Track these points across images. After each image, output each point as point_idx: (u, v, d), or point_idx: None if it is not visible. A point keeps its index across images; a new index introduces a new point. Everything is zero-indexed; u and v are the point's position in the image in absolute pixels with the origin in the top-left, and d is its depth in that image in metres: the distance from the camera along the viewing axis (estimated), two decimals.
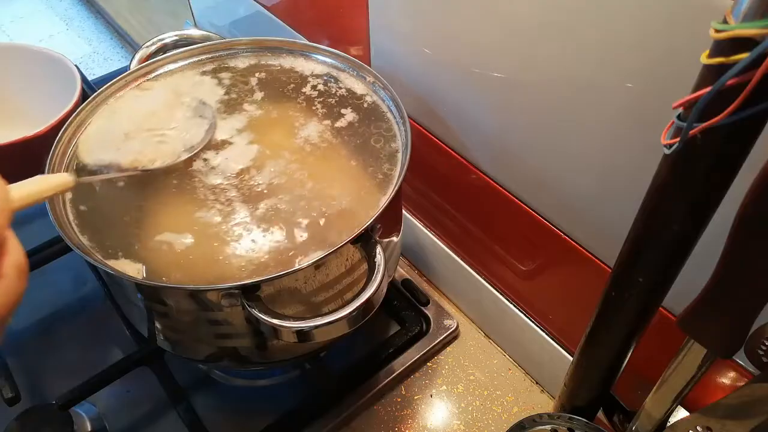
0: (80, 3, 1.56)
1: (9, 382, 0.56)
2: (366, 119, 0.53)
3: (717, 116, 0.23)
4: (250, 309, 0.40)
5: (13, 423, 0.52)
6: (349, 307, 0.40)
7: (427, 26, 0.51)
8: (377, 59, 0.60)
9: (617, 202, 0.42)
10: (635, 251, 0.32)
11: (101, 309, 0.65)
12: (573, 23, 0.38)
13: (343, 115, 0.53)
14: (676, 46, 0.33)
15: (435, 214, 0.65)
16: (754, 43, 0.21)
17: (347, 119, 0.53)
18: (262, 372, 0.61)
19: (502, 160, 0.51)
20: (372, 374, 0.60)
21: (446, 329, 0.63)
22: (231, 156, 0.51)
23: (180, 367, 0.60)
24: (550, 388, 0.60)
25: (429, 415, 0.58)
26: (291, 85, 0.56)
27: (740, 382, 0.40)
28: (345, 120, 0.53)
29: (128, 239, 0.45)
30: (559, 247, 0.49)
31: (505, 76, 0.46)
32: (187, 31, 0.64)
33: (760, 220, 0.26)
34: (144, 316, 0.48)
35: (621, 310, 0.35)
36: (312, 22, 0.68)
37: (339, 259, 0.44)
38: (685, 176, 0.27)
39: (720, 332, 0.31)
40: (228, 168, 0.50)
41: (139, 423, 0.58)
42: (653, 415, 0.39)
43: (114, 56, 1.30)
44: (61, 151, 0.50)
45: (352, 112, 0.54)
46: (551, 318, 0.56)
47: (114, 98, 0.55)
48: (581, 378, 0.42)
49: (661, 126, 0.26)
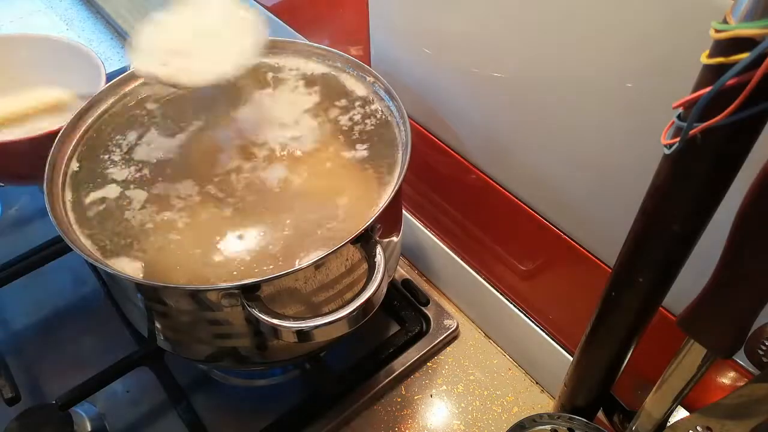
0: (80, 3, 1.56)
1: (9, 382, 0.56)
2: (366, 119, 0.53)
3: (717, 116, 0.23)
4: (250, 309, 0.40)
5: (13, 423, 0.52)
6: (349, 307, 0.40)
7: (427, 26, 0.51)
8: (377, 59, 0.60)
9: (617, 202, 0.42)
10: (635, 251, 0.32)
11: (101, 309, 0.65)
12: (573, 23, 0.38)
13: (343, 115, 0.53)
14: (676, 46, 0.33)
15: (435, 214, 0.65)
16: (754, 43, 0.21)
17: (347, 119, 0.53)
18: (262, 372, 0.61)
19: (502, 160, 0.51)
20: (372, 374, 0.60)
21: (446, 329, 0.63)
22: (231, 155, 0.51)
23: (180, 367, 0.60)
24: (550, 388, 0.60)
25: (429, 415, 0.58)
26: (291, 85, 0.56)
27: (740, 382, 0.40)
28: (345, 120, 0.53)
29: (128, 239, 0.45)
30: (559, 247, 0.49)
31: (505, 76, 0.46)
32: None
33: (760, 220, 0.26)
34: (144, 316, 0.48)
35: (621, 310, 0.35)
36: (312, 22, 0.68)
37: (339, 259, 0.44)
38: (685, 176, 0.27)
39: (720, 332, 0.31)
40: (227, 167, 0.50)
41: (139, 423, 0.58)
42: (653, 415, 0.39)
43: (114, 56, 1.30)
44: (62, 150, 0.50)
45: (352, 112, 0.54)
46: (551, 318, 0.56)
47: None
48: (581, 378, 0.42)
49: (661, 126, 0.26)
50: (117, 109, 0.55)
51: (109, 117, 0.54)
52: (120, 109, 0.55)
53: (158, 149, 0.52)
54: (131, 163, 0.50)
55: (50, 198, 0.47)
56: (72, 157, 0.51)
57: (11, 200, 0.77)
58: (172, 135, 0.53)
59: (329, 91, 0.55)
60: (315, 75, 0.57)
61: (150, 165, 0.50)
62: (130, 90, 0.56)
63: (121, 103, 0.55)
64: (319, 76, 0.57)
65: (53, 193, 0.47)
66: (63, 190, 0.48)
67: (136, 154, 0.51)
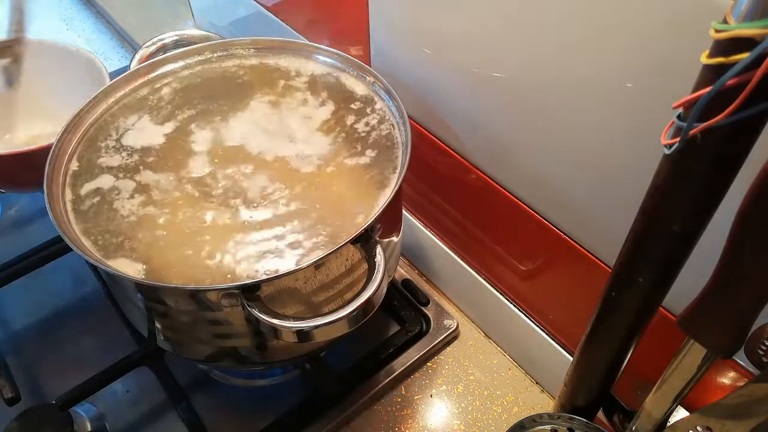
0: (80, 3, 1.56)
1: (9, 382, 0.56)
2: (366, 119, 0.53)
3: (717, 116, 0.23)
4: (250, 309, 0.40)
5: (13, 423, 0.52)
6: (349, 307, 0.40)
7: (427, 26, 0.51)
8: (377, 59, 0.60)
9: (617, 202, 0.42)
10: (635, 251, 0.32)
11: (101, 309, 0.65)
12: (573, 23, 0.38)
13: (343, 115, 0.53)
14: (676, 46, 0.33)
15: (435, 214, 0.65)
16: (754, 43, 0.21)
17: (347, 119, 0.53)
18: (262, 372, 0.61)
19: (502, 160, 0.51)
20: (372, 374, 0.60)
21: (446, 329, 0.63)
22: (231, 154, 0.51)
23: (180, 367, 0.60)
24: (550, 388, 0.60)
25: (429, 415, 0.58)
26: (290, 85, 0.56)
27: (740, 382, 0.40)
28: (344, 120, 0.53)
29: (128, 239, 0.45)
30: (559, 247, 0.49)
31: (505, 76, 0.46)
32: (187, 31, 0.64)
33: (760, 220, 0.26)
34: (144, 316, 0.48)
35: (621, 310, 0.35)
36: (312, 22, 0.68)
37: (339, 259, 0.44)
38: (685, 176, 0.27)
39: (720, 332, 0.31)
40: (227, 166, 0.50)
41: (139, 423, 0.58)
42: (653, 415, 0.39)
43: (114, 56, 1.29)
44: (62, 150, 0.50)
45: (351, 112, 0.54)
46: (551, 318, 0.56)
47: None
48: (581, 378, 0.42)
49: (661, 126, 0.26)
50: (117, 108, 0.55)
51: (110, 117, 0.54)
52: (120, 108, 0.55)
53: (157, 148, 0.52)
54: (131, 163, 0.50)
55: (50, 198, 0.47)
56: (72, 156, 0.51)
57: (11, 201, 0.77)
58: (173, 135, 0.53)
59: (329, 91, 0.55)
60: (315, 75, 0.57)
61: (149, 164, 0.50)
62: (130, 90, 0.56)
63: (121, 103, 0.55)
64: (318, 76, 0.57)
65: (53, 192, 0.47)
66: (63, 190, 0.48)
67: (136, 153, 0.51)
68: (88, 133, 0.53)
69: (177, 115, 0.54)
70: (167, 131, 0.53)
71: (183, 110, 0.55)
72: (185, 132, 0.53)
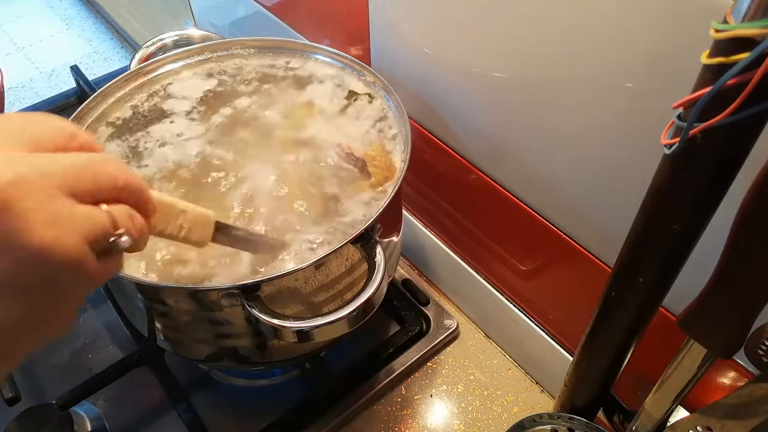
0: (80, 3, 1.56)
1: (9, 382, 0.56)
2: (365, 119, 0.53)
3: (717, 116, 0.23)
4: (250, 309, 0.40)
5: (13, 423, 0.52)
6: (349, 307, 0.40)
7: (427, 26, 0.51)
8: (377, 59, 0.60)
9: (617, 202, 0.42)
10: (635, 251, 0.32)
11: (101, 309, 0.65)
12: (573, 23, 0.38)
13: (343, 115, 0.53)
14: (677, 46, 0.33)
15: (435, 214, 0.65)
16: (754, 43, 0.21)
17: (347, 119, 0.53)
18: (262, 372, 0.61)
19: (502, 160, 0.51)
20: (372, 374, 0.60)
21: (446, 329, 0.63)
22: (231, 154, 0.51)
23: (180, 367, 0.60)
24: (550, 388, 0.60)
25: (429, 415, 0.58)
26: (290, 85, 0.56)
27: (740, 382, 0.40)
28: (344, 120, 0.53)
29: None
30: (559, 247, 0.49)
31: (505, 76, 0.46)
32: (187, 31, 0.64)
33: (760, 220, 0.26)
34: (144, 316, 0.48)
35: (621, 310, 0.35)
36: (312, 22, 0.68)
37: (339, 259, 0.44)
38: (685, 176, 0.27)
39: (720, 332, 0.31)
40: (228, 166, 0.50)
41: (139, 423, 0.58)
42: (653, 415, 0.39)
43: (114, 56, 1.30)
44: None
45: (351, 112, 0.54)
46: (551, 318, 0.56)
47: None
48: (581, 378, 0.42)
49: (661, 126, 0.26)
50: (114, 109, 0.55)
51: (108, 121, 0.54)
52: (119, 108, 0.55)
53: (156, 147, 0.52)
54: (131, 162, 0.50)
55: None
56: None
57: None
58: (172, 135, 0.53)
59: (329, 91, 0.55)
60: (314, 75, 0.57)
61: (150, 164, 0.50)
62: (129, 90, 0.56)
63: (121, 103, 0.55)
64: (318, 76, 0.57)
65: None
66: None
67: (136, 155, 0.51)
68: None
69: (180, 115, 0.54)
70: (168, 130, 0.53)
71: (184, 109, 0.55)
72: (191, 134, 0.53)
